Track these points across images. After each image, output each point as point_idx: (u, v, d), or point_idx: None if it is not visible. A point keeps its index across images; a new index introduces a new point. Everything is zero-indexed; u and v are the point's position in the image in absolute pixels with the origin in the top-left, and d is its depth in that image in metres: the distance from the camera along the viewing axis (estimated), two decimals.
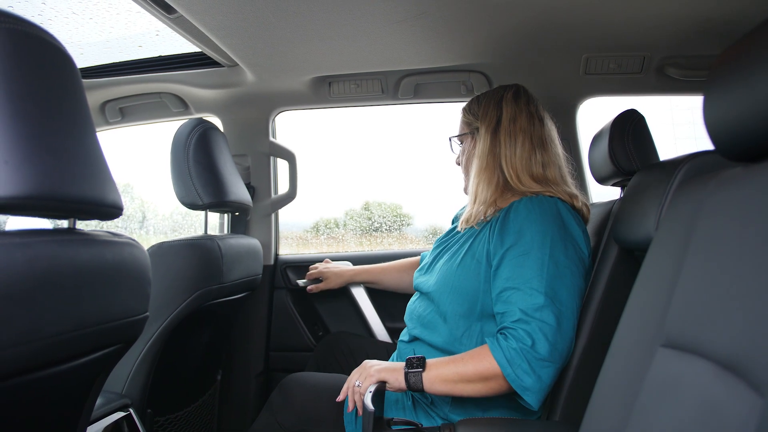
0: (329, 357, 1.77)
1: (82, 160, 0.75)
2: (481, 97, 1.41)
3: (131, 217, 3.93)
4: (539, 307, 1.12)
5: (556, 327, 1.11)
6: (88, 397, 0.93)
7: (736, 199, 0.63)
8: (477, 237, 1.29)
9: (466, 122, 1.44)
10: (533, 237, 1.18)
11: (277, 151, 2.13)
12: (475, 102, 1.42)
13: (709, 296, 0.62)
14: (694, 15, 1.38)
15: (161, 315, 1.40)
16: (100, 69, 1.97)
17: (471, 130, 1.42)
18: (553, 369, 1.10)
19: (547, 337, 1.10)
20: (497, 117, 1.34)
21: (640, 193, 1.09)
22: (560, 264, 1.16)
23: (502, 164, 1.31)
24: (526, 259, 1.17)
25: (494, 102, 1.37)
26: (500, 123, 1.33)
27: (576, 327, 1.16)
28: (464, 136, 1.45)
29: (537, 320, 1.11)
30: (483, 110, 1.37)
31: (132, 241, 0.89)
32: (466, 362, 1.14)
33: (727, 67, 0.64)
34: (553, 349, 1.10)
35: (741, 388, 0.52)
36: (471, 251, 1.28)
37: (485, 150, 1.33)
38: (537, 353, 1.09)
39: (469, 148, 1.43)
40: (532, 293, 1.13)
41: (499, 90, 1.39)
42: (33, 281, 0.67)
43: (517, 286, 1.15)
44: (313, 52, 1.64)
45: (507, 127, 1.33)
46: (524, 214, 1.21)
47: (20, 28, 0.69)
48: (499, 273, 1.20)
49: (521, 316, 1.12)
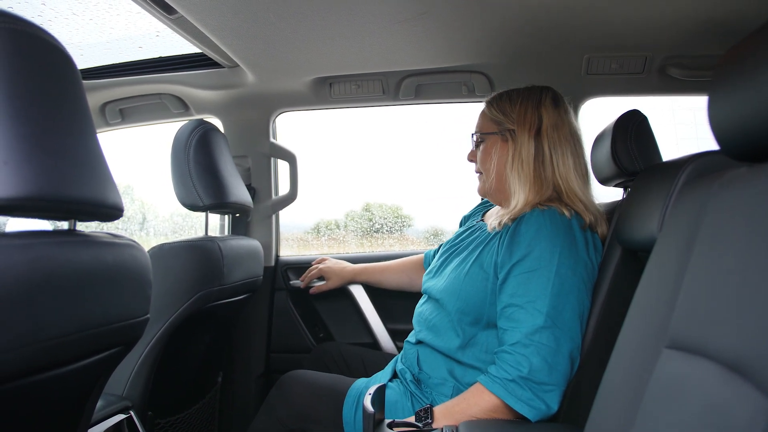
0: (321, 366, 1.75)
1: (82, 161, 0.74)
2: (513, 96, 1.35)
3: (132, 218, 3.92)
4: (539, 329, 1.11)
5: (555, 349, 1.10)
6: (88, 400, 0.93)
7: (741, 199, 0.63)
8: (486, 246, 1.28)
9: (493, 120, 1.36)
10: (541, 254, 1.16)
11: (278, 152, 2.12)
12: (506, 100, 1.35)
13: (714, 297, 0.62)
14: (696, 15, 1.37)
15: (162, 317, 1.40)
16: (100, 70, 1.97)
17: (500, 130, 1.34)
18: (557, 393, 1.10)
19: (546, 360, 1.10)
20: (537, 122, 1.29)
21: (644, 194, 1.09)
22: (567, 282, 1.15)
23: (552, 173, 1.28)
24: (532, 276, 1.16)
25: (532, 105, 1.31)
26: (542, 129, 1.29)
27: (580, 347, 1.15)
28: (490, 136, 1.37)
29: (536, 343, 1.11)
30: (519, 112, 1.31)
31: (133, 243, 0.89)
32: (470, 405, 1.13)
33: (732, 66, 0.64)
34: (552, 370, 1.09)
35: (748, 390, 0.52)
36: (479, 261, 1.27)
37: (529, 155, 1.28)
38: (536, 378, 1.09)
39: (497, 149, 1.34)
40: (534, 313, 1.13)
41: (535, 92, 1.34)
42: (33, 283, 0.66)
43: (521, 304, 1.15)
44: (314, 53, 1.63)
45: (551, 134, 1.29)
46: (535, 228, 1.19)
47: (20, 28, 0.69)
48: (505, 288, 1.19)
49: (520, 338, 1.12)
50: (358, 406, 1.31)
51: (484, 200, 1.63)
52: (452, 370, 1.28)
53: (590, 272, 1.20)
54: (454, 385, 1.27)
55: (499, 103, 1.36)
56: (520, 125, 1.30)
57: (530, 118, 1.30)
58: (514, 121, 1.31)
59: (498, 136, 1.35)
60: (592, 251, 1.22)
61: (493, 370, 1.14)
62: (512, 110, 1.33)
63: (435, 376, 1.30)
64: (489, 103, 1.38)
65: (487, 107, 1.39)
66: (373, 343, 2.00)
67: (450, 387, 1.27)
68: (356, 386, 1.37)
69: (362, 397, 1.30)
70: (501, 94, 1.38)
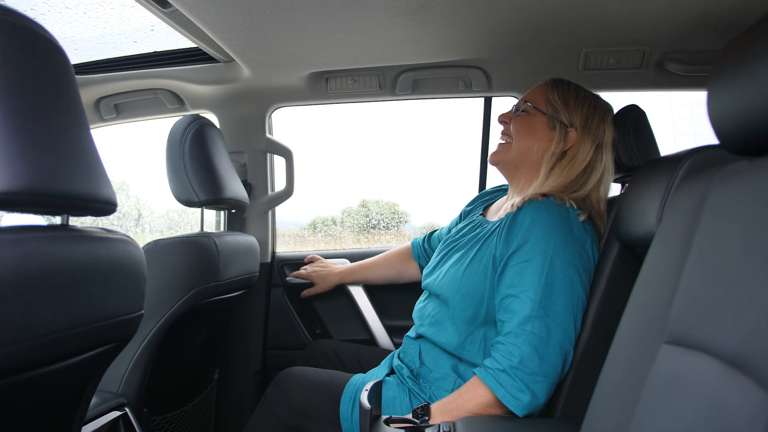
0: (314, 364, 1.74)
1: (74, 156, 0.73)
2: (580, 93, 1.35)
3: (127, 214, 3.91)
4: (530, 318, 1.11)
5: (546, 339, 1.10)
6: (82, 397, 0.92)
7: (741, 193, 0.62)
8: (486, 241, 1.28)
9: (549, 102, 1.35)
10: (536, 244, 1.16)
11: (274, 148, 2.11)
12: (572, 94, 1.35)
13: (713, 291, 0.61)
14: (694, 9, 1.37)
15: (157, 313, 1.39)
16: (95, 65, 1.95)
17: (553, 116, 1.33)
18: (546, 384, 1.10)
19: (537, 350, 1.10)
20: (602, 135, 1.32)
21: (642, 188, 1.08)
22: (560, 273, 1.15)
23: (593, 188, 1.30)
24: (526, 266, 1.16)
25: (598, 116, 1.33)
26: (603, 144, 1.32)
27: (573, 340, 1.14)
28: (539, 114, 1.35)
29: (527, 333, 1.11)
30: (585, 115, 1.32)
31: (126, 238, 0.88)
32: (466, 400, 1.13)
33: (732, 60, 0.63)
34: (542, 361, 1.09)
35: (748, 386, 0.51)
36: (479, 256, 1.27)
37: (584, 161, 1.30)
38: (526, 368, 1.09)
39: (541, 130, 1.34)
40: (526, 302, 1.13)
41: (601, 104, 1.36)
42: (25, 279, 0.66)
43: (516, 294, 1.15)
44: (310, 47, 1.62)
45: (610, 150, 1.33)
46: (531, 219, 1.19)
47: (13, 20, 0.68)
48: (502, 279, 1.19)
49: (512, 328, 1.12)
50: (355, 402, 1.31)
51: (483, 193, 1.63)
52: (455, 366, 1.28)
53: (586, 263, 1.20)
54: (455, 380, 1.27)
55: (565, 92, 1.35)
56: (583, 128, 1.32)
57: (596, 129, 1.32)
58: (574, 118, 1.33)
59: (546, 119, 1.35)
60: (589, 243, 1.21)
61: (487, 362, 1.14)
62: (576, 107, 1.33)
63: (437, 370, 1.30)
64: (553, 85, 1.37)
65: (549, 87, 1.37)
66: (370, 340, 2.00)
67: (451, 382, 1.27)
68: (353, 382, 1.37)
69: (359, 393, 1.30)
70: (568, 83, 1.37)
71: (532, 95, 1.39)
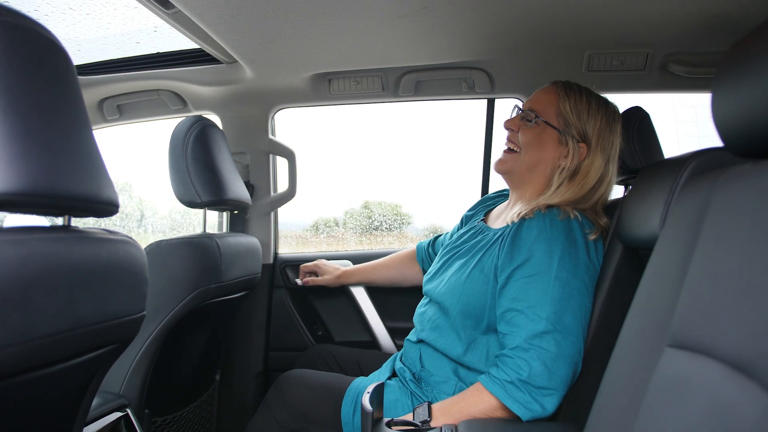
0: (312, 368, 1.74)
1: (76, 156, 0.73)
2: (592, 104, 1.31)
3: (130, 215, 3.92)
4: (540, 334, 1.11)
5: (556, 353, 1.10)
6: (84, 398, 0.92)
7: (745, 195, 0.62)
8: (488, 250, 1.27)
9: (561, 115, 1.31)
10: (542, 258, 1.15)
11: (277, 149, 2.11)
12: (584, 107, 1.30)
13: (717, 294, 0.61)
14: (698, 11, 1.36)
15: (159, 314, 1.39)
16: (98, 66, 1.96)
17: (565, 130, 1.30)
18: (556, 397, 1.09)
19: (546, 364, 1.09)
20: (611, 148, 1.31)
21: (646, 191, 1.08)
22: (567, 286, 1.14)
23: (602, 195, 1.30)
24: (532, 281, 1.15)
25: (609, 128, 1.30)
26: (611, 156, 1.31)
27: (582, 351, 1.14)
28: (549, 128, 1.31)
29: (536, 348, 1.10)
30: (599, 130, 1.29)
31: (128, 239, 0.88)
32: (469, 404, 1.13)
33: (736, 62, 0.63)
34: (551, 375, 1.09)
35: (752, 389, 0.51)
36: (480, 265, 1.27)
37: (595, 175, 1.29)
38: (535, 382, 1.08)
39: (551, 143, 1.31)
40: (534, 318, 1.12)
41: (613, 114, 1.33)
42: (26, 280, 0.65)
43: (521, 309, 1.14)
44: (313, 49, 1.62)
45: (616, 161, 1.32)
46: (536, 232, 1.18)
47: (16, 21, 0.68)
48: (505, 292, 1.19)
49: (520, 343, 1.12)
50: (357, 405, 1.30)
51: (485, 198, 1.62)
52: (456, 369, 1.28)
53: (592, 274, 1.19)
54: (456, 383, 1.26)
55: (577, 103, 1.31)
56: (596, 144, 1.29)
57: (607, 143, 1.30)
58: (587, 132, 1.30)
59: (557, 133, 1.31)
60: (593, 252, 1.21)
61: (493, 371, 1.13)
62: (589, 121, 1.30)
63: (438, 374, 1.30)
64: (564, 94, 1.32)
65: (560, 96, 1.32)
66: (371, 342, 2.00)
67: (452, 385, 1.26)
68: (354, 385, 1.36)
69: (360, 396, 1.29)
70: (579, 89, 1.33)
71: (542, 105, 1.33)
